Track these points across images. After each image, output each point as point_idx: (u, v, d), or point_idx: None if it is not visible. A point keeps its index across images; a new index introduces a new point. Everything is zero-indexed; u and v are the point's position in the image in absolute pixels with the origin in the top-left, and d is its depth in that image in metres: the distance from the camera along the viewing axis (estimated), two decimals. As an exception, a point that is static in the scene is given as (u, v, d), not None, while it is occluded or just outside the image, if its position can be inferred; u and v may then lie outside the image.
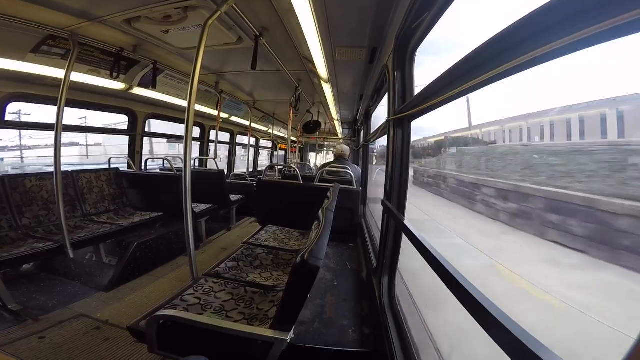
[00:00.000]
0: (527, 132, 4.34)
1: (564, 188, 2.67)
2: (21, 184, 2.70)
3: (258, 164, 8.33)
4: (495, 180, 4.00)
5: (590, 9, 0.47)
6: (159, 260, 3.03)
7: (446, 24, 1.41)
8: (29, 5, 1.96)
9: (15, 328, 1.94)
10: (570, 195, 2.52)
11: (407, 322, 1.53)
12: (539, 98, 4.60)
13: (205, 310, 1.47)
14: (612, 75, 2.73)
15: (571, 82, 3.43)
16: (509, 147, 4.72)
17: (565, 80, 3.37)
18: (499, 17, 0.78)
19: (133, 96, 3.52)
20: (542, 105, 4.31)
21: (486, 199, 4.08)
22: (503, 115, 5.49)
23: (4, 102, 2.66)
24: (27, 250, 2.26)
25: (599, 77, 3.12)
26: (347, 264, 2.60)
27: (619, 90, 2.47)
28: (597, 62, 1.88)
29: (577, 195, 2.43)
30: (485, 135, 6.35)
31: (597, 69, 2.50)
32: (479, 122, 6.58)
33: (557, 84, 3.72)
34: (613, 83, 2.34)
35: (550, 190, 2.81)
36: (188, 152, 1.81)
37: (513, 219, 3.47)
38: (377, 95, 3.52)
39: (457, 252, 3.67)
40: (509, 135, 5.06)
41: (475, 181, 4.64)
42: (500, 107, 5.54)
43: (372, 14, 1.97)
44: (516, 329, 0.56)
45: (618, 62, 1.92)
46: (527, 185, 3.24)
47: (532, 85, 4.02)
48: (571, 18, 0.51)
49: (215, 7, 1.85)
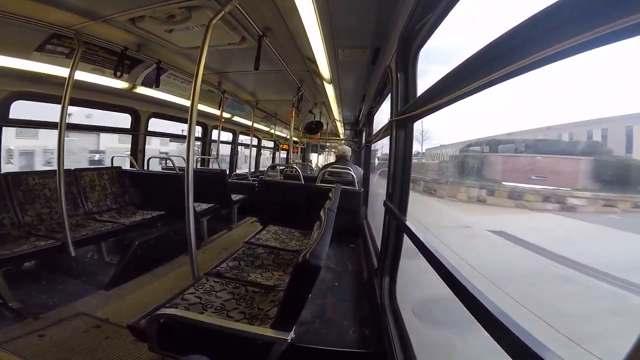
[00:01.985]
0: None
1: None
2: (24, 182, 2.71)
3: (260, 163, 8.34)
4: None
5: (601, 7, 0.47)
6: (160, 259, 3.04)
7: (452, 29, 1.41)
8: (35, 3, 1.98)
9: (15, 326, 1.95)
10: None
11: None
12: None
13: (206, 309, 1.47)
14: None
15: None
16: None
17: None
18: (504, 18, 0.77)
19: (136, 95, 3.53)
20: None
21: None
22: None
23: (8, 100, 2.68)
24: (29, 248, 2.26)
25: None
26: (348, 265, 2.59)
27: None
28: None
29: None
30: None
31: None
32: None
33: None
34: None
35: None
36: (191, 151, 1.81)
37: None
38: (379, 96, 3.52)
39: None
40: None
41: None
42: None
43: (375, 15, 1.97)
44: (517, 328, 0.56)
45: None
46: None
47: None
48: (578, 18, 0.50)
49: (219, 7, 1.85)
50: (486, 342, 0.62)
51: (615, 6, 0.43)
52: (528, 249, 3.66)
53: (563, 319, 2.33)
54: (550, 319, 2.30)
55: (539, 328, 2.20)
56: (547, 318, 2.33)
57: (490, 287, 2.84)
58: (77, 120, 4.06)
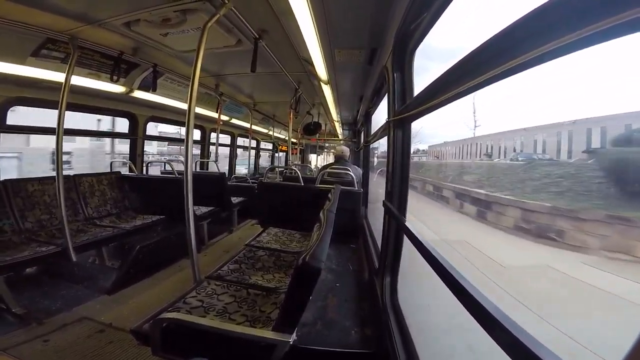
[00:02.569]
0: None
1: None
2: (23, 188, 2.71)
3: (259, 165, 8.34)
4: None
5: (594, 6, 0.47)
6: (162, 263, 3.04)
7: (450, 27, 1.41)
8: (28, 8, 1.97)
9: (19, 331, 1.95)
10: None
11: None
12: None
13: (208, 312, 1.47)
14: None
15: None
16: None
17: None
18: (499, 16, 0.77)
19: (133, 99, 3.53)
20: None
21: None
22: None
23: (5, 106, 2.68)
24: (30, 254, 2.27)
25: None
26: (348, 265, 2.60)
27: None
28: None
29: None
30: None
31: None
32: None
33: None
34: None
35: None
36: (189, 155, 1.81)
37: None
38: (376, 97, 3.52)
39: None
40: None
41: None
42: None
43: (371, 15, 1.97)
44: (517, 330, 0.56)
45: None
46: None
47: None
48: (571, 17, 0.51)
49: (214, 10, 1.85)
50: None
51: (612, 4, 0.43)
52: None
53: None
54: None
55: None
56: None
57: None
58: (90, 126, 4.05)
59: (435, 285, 0.95)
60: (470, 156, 3.70)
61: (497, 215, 2.47)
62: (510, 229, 2.25)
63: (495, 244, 2.43)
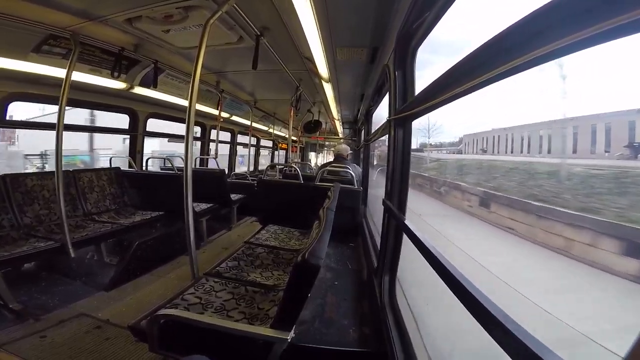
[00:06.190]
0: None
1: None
2: (22, 183, 2.71)
3: (259, 163, 8.33)
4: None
5: (595, 7, 0.47)
6: (160, 259, 3.04)
7: (456, 24, 1.39)
8: (30, 4, 1.97)
9: (16, 327, 1.95)
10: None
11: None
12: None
13: (206, 309, 1.47)
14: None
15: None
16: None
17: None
18: (503, 15, 0.77)
19: (134, 95, 3.52)
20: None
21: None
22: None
23: (5, 101, 2.67)
24: (29, 249, 2.26)
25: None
26: (347, 264, 2.60)
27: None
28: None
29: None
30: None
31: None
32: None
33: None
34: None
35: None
36: (189, 151, 1.81)
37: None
38: (377, 95, 3.52)
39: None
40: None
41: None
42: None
43: (373, 14, 1.97)
44: (518, 329, 0.56)
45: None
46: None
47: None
48: (574, 16, 0.50)
49: (216, 7, 1.85)
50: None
51: (613, 4, 0.43)
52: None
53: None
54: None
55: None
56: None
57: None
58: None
59: (435, 285, 0.94)
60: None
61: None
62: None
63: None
